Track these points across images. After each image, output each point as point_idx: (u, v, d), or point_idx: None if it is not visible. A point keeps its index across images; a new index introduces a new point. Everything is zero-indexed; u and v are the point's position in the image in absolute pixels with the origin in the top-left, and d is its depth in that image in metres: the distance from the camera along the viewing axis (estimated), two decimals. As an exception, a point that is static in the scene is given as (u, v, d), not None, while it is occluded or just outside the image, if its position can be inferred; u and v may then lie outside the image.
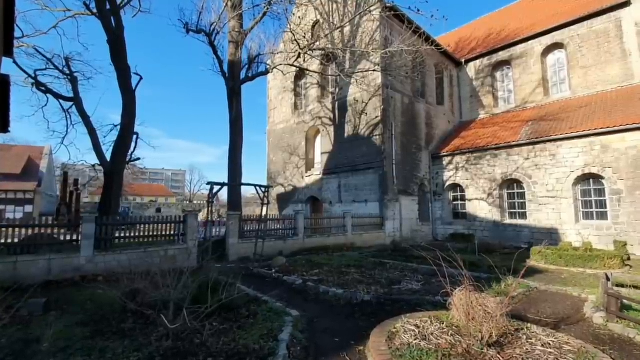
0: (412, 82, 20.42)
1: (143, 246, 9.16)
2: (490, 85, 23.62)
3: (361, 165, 18.53)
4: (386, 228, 17.07)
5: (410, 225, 18.72)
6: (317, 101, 21.98)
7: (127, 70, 13.65)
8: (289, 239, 12.72)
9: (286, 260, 10.16)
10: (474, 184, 19.12)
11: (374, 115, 18.06)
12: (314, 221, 14.52)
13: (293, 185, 23.23)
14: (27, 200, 36.49)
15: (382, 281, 7.77)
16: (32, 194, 36.36)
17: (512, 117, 21.06)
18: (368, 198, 18.11)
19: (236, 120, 15.30)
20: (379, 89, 17.92)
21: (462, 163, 19.73)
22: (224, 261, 10.83)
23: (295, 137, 23.39)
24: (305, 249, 13.20)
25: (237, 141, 15.11)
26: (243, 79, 15.13)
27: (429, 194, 20.69)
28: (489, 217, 18.34)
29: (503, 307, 4.34)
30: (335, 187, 19.98)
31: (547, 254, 10.66)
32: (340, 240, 14.73)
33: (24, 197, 36.06)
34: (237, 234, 11.03)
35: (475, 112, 24.13)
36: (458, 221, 19.87)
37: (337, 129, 20.23)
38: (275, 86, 26.07)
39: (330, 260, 10.57)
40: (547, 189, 16.39)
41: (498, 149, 18.26)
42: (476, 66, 24.43)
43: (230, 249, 10.86)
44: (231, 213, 11.15)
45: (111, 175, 13.24)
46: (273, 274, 8.58)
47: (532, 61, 21.77)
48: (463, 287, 4.99)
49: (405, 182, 18.75)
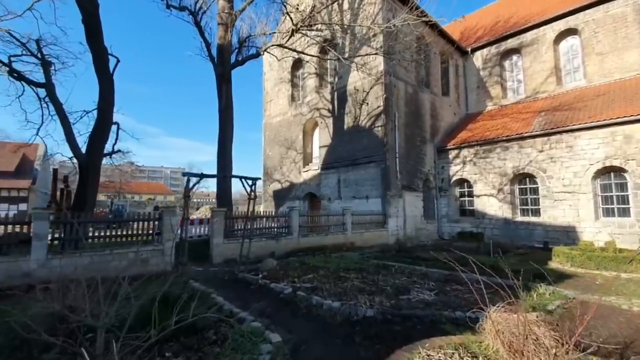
0: (417, 70, 19.12)
1: (109, 247, 7.91)
2: (499, 75, 22.31)
3: (362, 159, 17.26)
4: (389, 226, 15.81)
5: (415, 223, 17.46)
6: (315, 92, 20.69)
7: (104, 52, 12.40)
8: (281, 239, 11.47)
9: (277, 263, 8.91)
10: (482, 178, 17.84)
11: (376, 104, 16.77)
12: (311, 219, 13.27)
13: (290, 181, 21.98)
14: (21, 198, 35.50)
15: (388, 289, 6.52)
16: (26, 192, 35.36)
17: (523, 108, 19.77)
18: (369, 194, 16.85)
19: (226, 109, 14.03)
20: (381, 76, 16.62)
21: (470, 157, 18.44)
22: (207, 264, 9.59)
23: (292, 130, 22.11)
24: (300, 249, 11.96)
25: (227, 131, 13.84)
26: (233, 64, 13.85)
27: (434, 190, 19.42)
28: (499, 214, 17.08)
29: (565, 339, 3.07)
30: (334, 182, 18.72)
31: (573, 255, 9.39)
32: (339, 240, 13.49)
33: (18, 195, 35.08)
34: (222, 233, 9.79)
35: (482, 104, 22.83)
36: (465, 219, 18.60)
37: (336, 121, 18.95)
38: (271, 77, 24.78)
39: (327, 263, 9.32)
40: (564, 184, 15.11)
41: (509, 141, 16.97)
42: (483, 55, 23.11)
43: (214, 249, 9.62)
44: (216, 209, 9.89)
45: (86, 168, 12.00)
46: (259, 280, 7.32)
47: (543, 48, 20.46)
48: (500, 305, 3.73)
49: (409, 177, 17.48)
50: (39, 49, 13.13)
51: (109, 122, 12.79)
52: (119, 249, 7.94)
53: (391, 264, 9.27)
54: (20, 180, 35.14)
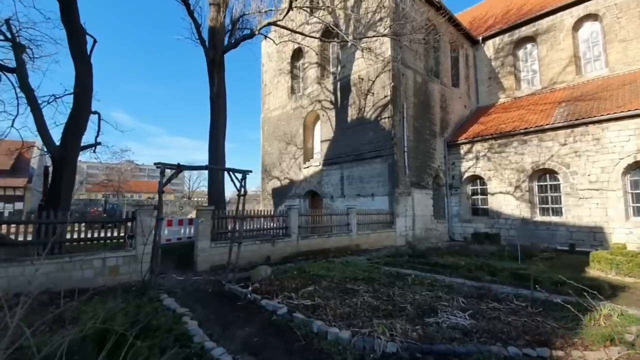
0: (425, 58, 17.75)
1: (68, 254, 6.58)
2: (512, 65, 20.91)
3: (367, 154, 15.90)
4: (397, 226, 14.46)
5: (424, 223, 16.11)
6: (317, 82, 19.33)
7: (80, 32, 11.06)
8: (278, 241, 10.12)
9: (271, 271, 7.58)
10: (497, 175, 16.46)
11: (382, 94, 15.41)
12: (312, 218, 11.92)
13: (289, 179, 20.65)
14: (17, 197, 34.58)
15: (408, 308, 5.18)
16: (22, 191, 34.43)
17: (540, 100, 18.38)
18: (375, 191, 15.50)
19: (218, 97, 12.70)
20: (388, 63, 15.25)
21: (484, 151, 17.07)
22: (190, 272, 8.26)
23: (292, 124, 20.77)
24: (300, 253, 10.62)
25: (218, 121, 12.52)
26: (226, 46, 12.49)
27: (444, 188, 18.06)
28: (516, 213, 15.71)
29: None
30: (337, 179, 17.38)
31: (618, 262, 8.03)
32: (343, 242, 12.15)
33: (13, 194, 34.16)
34: (209, 236, 8.46)
35: (494, 96, 21.44)
36: (478, 218, 17.24)
37: (339, 113, 17.60)
38: (270, 69, 23.44)
39: (330, 270, 7.99)
40: (590, 180, 13.74)
41: (527, 134, 15.59)
42: (495, 44, 21.71)
43: (198, 255, 8.29)
44: (201, 208, 8.54)
45: (60, 162, 10.66)
46: (249, 293, 5.99)
47: (561, 36, 19.04)
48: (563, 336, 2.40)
49: (417, 174, 16.12)
50: (8, 29, 11.80)
51: (86, 110, 11.45)
52: (79, 256, 6.61)
53: (406, 272, 7.93)
54: (16, 178, 34.16)
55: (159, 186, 6.05)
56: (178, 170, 6.15)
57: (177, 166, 6.13)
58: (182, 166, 6.17)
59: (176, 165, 6.11)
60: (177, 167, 6.13)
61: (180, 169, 6.24)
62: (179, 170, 6.20)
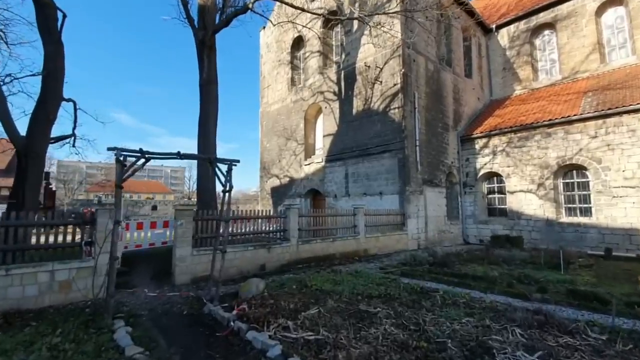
0: (437, 45, 16.29)
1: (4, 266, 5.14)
2: (529, 54, 19.43)
3: (374, 148, 14.45)
4: (408, 228, 13.00)
5: (437, 225, 14.65)
6: (319, 72, 17.90)
7: (49, 5, 9.66)
8: (275, 246, 8.67)
9: (265, 285, 6.13)
10: (517, 171, 14.99)
11: (392, 82, 13.96)
12: (313, 220, 10.45)
13: (289, 177, 19.21)
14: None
15: (449, 346, 3.74)
16: None
17: (561, 90, 16.90)
18: (383, 190, 14.04)
19: (208, 83, 11.26)
20: (398, 48, 13.80)
21: (502, 146, 15.59)
22: (168, 286, 6.81)
23: (292, 118, 19.33)
24: (300, 260, 9.18)
25: (208, 110, 11.07)
26: (217, 25, 11.05)
27: (457, 186, 16.58)
28: (539, 214, 14.23)
29: None
30: (341, 176, 15.93)
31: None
32: (349, 246, 10.70)
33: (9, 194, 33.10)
34: (190, 241, 7.02)
35: (509, 88, 19.96)
36: (495, 219, 15.76)
37: (343, 105, 16.16)
38: (269, 60, 22.02)
39: (337, 283, 6.55)
40: (625, 177, 12.27)
41: (552, 126, 14.11)
42: (510, 33, 20.23)
43: (177, 265, 6.85)
44: (181, 208, 7.09)
45: (25, 154, 9.27)
46: (232, 320, 4.55)
47: (583, 22, 17.57)
48: None
49: (430, 170, 14.66)
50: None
51: (56, 95, 10.05)
52: (22, 267, 5.18)
53: (430, 286, 6.48)
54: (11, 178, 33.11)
55: (117, 177, 4.61)
56: (140, 156, 4.71)
57: (140, 153, 4.69)
58: (146, 153, 4.73)
59: (138, 152, 4.68)
60: (139, 153, 4.69)
61: (145, 157, 4.81)
62: (143, 157, 4.77)
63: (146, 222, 11.06)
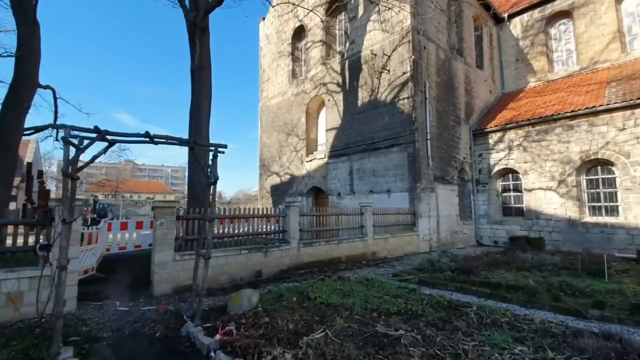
0: (448, 32, 15.22)
1: None
2: (544, 45, 18.31)
3: (382, 142, 13.38)
4: (419, 229, 11.93)
5: (450, 225, 13.58)
6: (321, 63, 16.84)
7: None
8: (273, 249, 7.61)
9: (259, 298, 5.08)
10: (536, 168, 13.90)
11: (401, 70, 12.89)
12: (316, 220, 9.38)
13: (290, 174, 18.17)
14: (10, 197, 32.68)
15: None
16: (15, 190, 32.42)
17: (581, 81, 15.79)
18: (392, 187, 12.98)
19: (200, 69, 10.22)
20: (407, 33, 12.74)
21: (518, 140, 14.50)
22: (144, 297, 5.76)
23: (293, 112, 18.29)
24: (301, 265, 8.12)
25: (200, 98, 10.02)
26: (209, 4, 9.99)
27: (469, 183, 15.49)
28: (560, 213, 13.14)
29: None
30: (345, 173, 14.87)
31: None
32: (356, 249, 9.64)
33: None
34: (172, 244, 5.97)
35: (522, 80, 18.84)
36: (511, 219, 14.66)
37: (348, 97, 15.10)
38: (268, 52, 20.98)
39: (346, 295, 5.50)
40: (658, 172, 11.18)
41: (574, 118, 13.02)
42: (523, 22, 19.11)
43: (156, 272, 5.80)
44: (160, 205, 6.00)
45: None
46: (212, 351, 3.50)
47: (602, 9, 16.45)
48: None
49: (441, 166, 13.59)
50: None
51: (30, 80, 9.04)
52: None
53: (459, 299, 5.41)
54: None
55: (65, 163, 3.57)
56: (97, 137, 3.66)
57: (96, 133, 3.64)
58: (105, 133, 3.68)
59: (94, 131, 3.63)
60: (95, 133, 3.64)
61: (105, 138, 3.76)
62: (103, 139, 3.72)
63: (131, 222, 10.04)
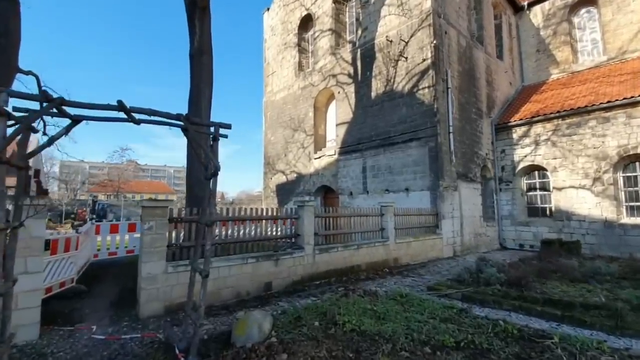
0: (469, 18, 14.08)
1: None
2: (567, 34, 17.11)
3: (399, 136, 12.25)
4: (443, 231, 10.79)
5: (473, 227, 12.43)
6: (330, 53, 15.72)
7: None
8: (285, 257, 6.50)
9: (272, 324, 3.96)
10: (567, 164, 12.73)
11: (420, 57, 11.76)
12: (332, 222, 8.26)
13: (297, 172, 17.06)
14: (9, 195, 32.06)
15: None
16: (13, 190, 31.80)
17: (610, 72, 14.61)
18: (410, 185, 11.85)
19: (200, 54, 9.13)
20: (427, 17, 11.61)
21: (546, 134, 13.34)
22: (128, 319, 4.65)
23: (300, 107, 17.19)
24: (317, 275, 6.99)
25: (200, 85, 8.94)
26: (209, -20, 8.93)
27: (492, 181, 14.34)
28: (595, 214, 11.97)
29: None
30: (358, 170, 13.75)
31: None
32: (378, 255, 8.51)
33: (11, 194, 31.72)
34: (164, 253, 4.85)
35: (543, 72, 17.65)
36: (537, 220, 13.49)
37: (360, 88, 13.98)
38: (273, 44, 19.89)
39: (380, 318, 4.37)
40: None
41: (611, 109, 11.85)
42: (544, 10, 17.93)
43: (143, 288, 4.68)
44: (149, 205, 4.86)
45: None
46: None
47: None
48: None
49: (464, 162, 12.45)
50: None
51: (9, 64, 7.91)
52: None
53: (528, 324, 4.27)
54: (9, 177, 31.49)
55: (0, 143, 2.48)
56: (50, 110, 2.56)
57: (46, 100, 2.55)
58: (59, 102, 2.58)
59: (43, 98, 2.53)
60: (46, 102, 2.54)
61: (63, 112, 2.65)
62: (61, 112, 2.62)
63: (122, 224, 8.94)
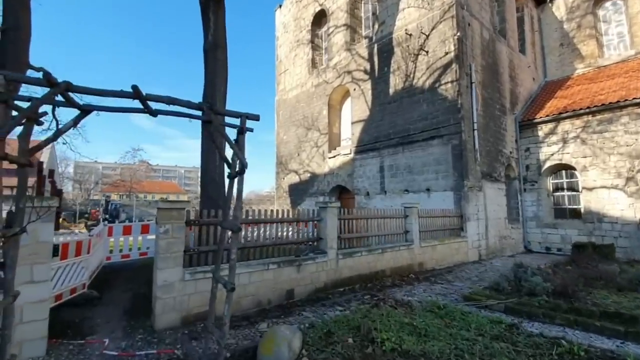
0: (491, 11, 13.48)
1: None
2: (592, 27, 16.33)
3: (419, 134, 11.73)
4: (468, 234, 10.23)
5: (498, 229, 11.83)
6: (345, 49, 15.25)
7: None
8: (307, 262, 6.06)
9: (302, 341, 3.52)
10: (598, 163, 12.04)
11: (442, 50, 11.22)
12: (355, 224, 7.79)
13: (311, 172, 16.63)
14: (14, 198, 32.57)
15: None
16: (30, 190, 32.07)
17: (638, 66, 13.86)
18: (432, 185, 11.31)
19: (215, 48, 8.76)
20: (450, 8, 11.06)
21: (575, 132, 12.66)
22: (143, 330, 4.26)
23: (314, 105, 16.75)
24: (341, 282, 6.54)
25: (215, 80, 8.56)
26: (224, -29, 8.56)
27: (516, 181, 13.70)
28: (628, 215, 11.27)
29: None
30: (375, 170, 13.26)
31: None
32: (402, 259, 8.02)
33: None
34: (181, 259, 4.45)
35: (568, 67, 16.89)
36: (565, 222, 12.82)
37: (377, 85, 13.48)
38: (285, 41, 19.50)
39: (421, 335, 3.91)
40: None
41: (647, 104, 11.15)
42: (567, 3, 17.16)
43: (159, 297, 4.22)
44: (165, 206, 4.45)
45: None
46: None
47: (663, -16, 14.47)
48: None
49: (489, 161, 11.86)
50: None
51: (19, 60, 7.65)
52: None
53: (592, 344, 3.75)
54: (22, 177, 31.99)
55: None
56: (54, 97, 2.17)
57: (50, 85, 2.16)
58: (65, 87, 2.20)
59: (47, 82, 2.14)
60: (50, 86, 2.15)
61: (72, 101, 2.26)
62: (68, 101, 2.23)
63: (136, 226, 8.61)
